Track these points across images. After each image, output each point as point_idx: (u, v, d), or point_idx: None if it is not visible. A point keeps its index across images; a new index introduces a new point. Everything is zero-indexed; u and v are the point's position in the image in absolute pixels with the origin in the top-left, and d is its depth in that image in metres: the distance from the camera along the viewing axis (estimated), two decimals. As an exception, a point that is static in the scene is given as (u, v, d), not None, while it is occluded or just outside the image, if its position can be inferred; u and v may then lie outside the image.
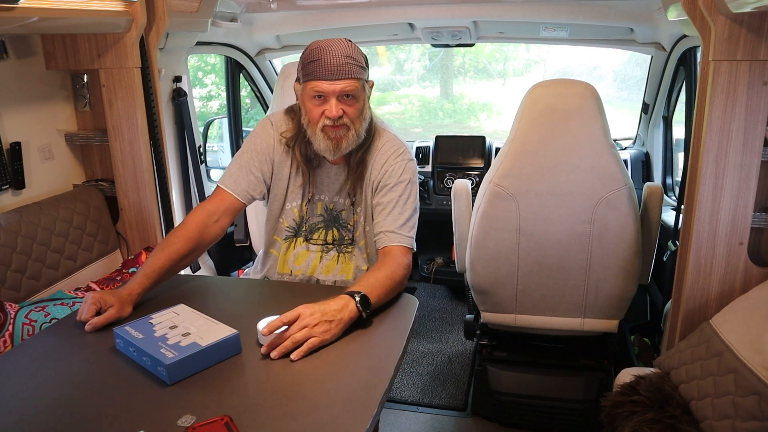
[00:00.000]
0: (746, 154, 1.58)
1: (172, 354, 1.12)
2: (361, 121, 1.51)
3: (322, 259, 1.67)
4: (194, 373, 1.13)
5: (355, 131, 1.50)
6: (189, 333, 1.20)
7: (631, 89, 6.09)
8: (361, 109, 1.50)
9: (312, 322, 1.20)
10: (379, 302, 1.35)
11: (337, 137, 1.49)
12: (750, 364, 1.32)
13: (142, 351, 1.15)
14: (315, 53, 1.44)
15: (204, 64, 5.44)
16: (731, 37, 1.50)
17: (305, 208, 1.65)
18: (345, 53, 1.43)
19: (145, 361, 1.14)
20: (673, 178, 2.83)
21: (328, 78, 1.43)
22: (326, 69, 1.42)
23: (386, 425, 2.26)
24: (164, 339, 1.17)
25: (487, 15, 2.76)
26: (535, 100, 1.87)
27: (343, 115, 1.47)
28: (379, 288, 1.35)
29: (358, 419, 0.99)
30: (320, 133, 1.49)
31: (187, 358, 1.12)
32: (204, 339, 1.17)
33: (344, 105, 1.46)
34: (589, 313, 1.97)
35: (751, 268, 1.66)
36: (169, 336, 1.19)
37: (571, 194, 1.85)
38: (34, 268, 1.76)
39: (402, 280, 1.45)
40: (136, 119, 2.01)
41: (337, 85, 1.43)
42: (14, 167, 1.86)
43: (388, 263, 1.46)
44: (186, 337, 1.18)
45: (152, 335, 1.19)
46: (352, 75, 1.44)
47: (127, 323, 1.25)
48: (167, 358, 1.10)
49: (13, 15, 1.41)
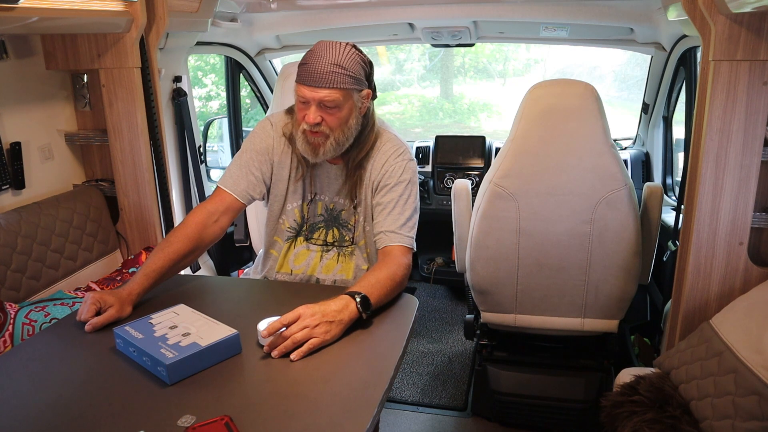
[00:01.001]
0: (746, 154, 1.58)
1: (172, 354, 1.12)
2: (342, 129, 1.49)
3: (323, 259, 1.67)
4: (194, 373, 1.13)
5: (334, 139, 1.49)
6: (189, 333, 1.20)
7: (631, 89, 6.09)
8: (344, 118, 1.48)
9: (312, 322, 1.20)
10: (380, 303, 1.35)
11: (315, 143, 1.49)
12: (750, 364, 1.32)
13: (142, 351, 1.15)
14: (308, 56, 1.44)
15: (204, 64, 5.45)
16: (731, 37, 1.50)
17: (306, 208, 1.65)
18: (334, 61, 1.42)
19: (145, 361, 1.14)
20: (673, 178, 2.84)
21: (309, 84, 1.43)
22: (310, 75, 1.42)
23: (386, 425, 2.26)
24: (164, 339, 1.17)
25: (487, 15, 2.76)
26: (535, 100, 1.87)
27: (322, 123, 1.46)
28: (379, 288, 1.35)
29: (358, 419, 0.99)
30: (301, 135, 1.50)
31: (187, 358, 1.12)
32: (204, 339, 1.17)
33: (324, 113, 1.45)
34: (589, 313, 1.97)
35: (751, 268, 1.66)
36: (169, 336, 1.19)
37: (571, 194, 1.85)
38: (34, 268, 1.76)
39: (402, 280, 1.45)
40: (136, 119, 2.01)
41: (317, 93, 1.42)
42: (14, 167, 1.86)
43: (389, 263, 1.46)
44: (186, 337, 1.18)
45: (152, 335, 1.19)
46: (335, 85, 1.42)
47: (127, 323, 1.25)
48: (167, 358, 1.10)
49: (13, 15, 1.41)
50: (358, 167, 1.59)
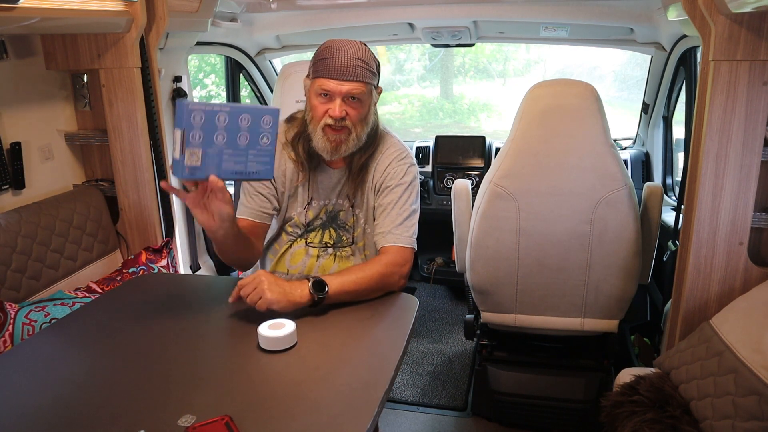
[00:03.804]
0: (746, 154, 1.58)
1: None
2: (363, 125, 1.50)
3: (319, 259, 1.67)
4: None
5: (356, 135, 1.49)
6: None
7: (631, 89, 6.09)
8: (365, 113, 1.49)
9: (261, 286, 1.28)
10: (349, 295, 1.38)
11: (337, 140, 1.49)
12: (750, 364, 1.32)
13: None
14: (328, 51, 1.44)
15: (204, 64, 5.44)
16: (731, 37, 1.50)
17: (306, 212, 1.65)
18: (357, 56, 1.43)
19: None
20: (673, 178, 2.84)
21: (336, 77, 1.42)
22: (336, 68, 1.42)
23: (386, 425, 2.26)
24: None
25: (487, 15, 2.76)
26: (535, 100, 1.87)
27: (346, 117, 1.46)
28: (350, 283, 1.38)
29: (358, 419, 0.99)
30: (320, 132, 1.49)
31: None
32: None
33: (348, 107, 1.46)
34: (589, 313, 1.97)
35: (751, 268, 1.66)
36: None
37: (571, 194, 1.85)
38: (34, 268, 1.76)
39: (385, 278, 1.45)
40: (136, 119, 2.01)
41: (344, 86, 1.43)
42: (14, 167, 1.86)
43: (374, 261, 1.48)
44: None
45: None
46: (361, 78, 1.43)
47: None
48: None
49: (13, 15, 1.41)
50: (362, 168, 1.59)
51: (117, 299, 1.51)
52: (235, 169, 1.23)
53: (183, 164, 1.18)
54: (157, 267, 2.03)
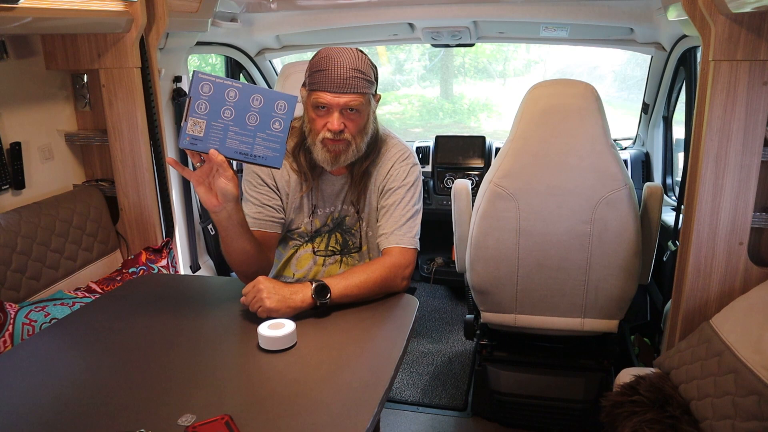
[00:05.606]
0: (746, 154, 1.58)
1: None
2: (362, 136, 1.48)
3: (325, 263, 1.67)
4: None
5: (355, 146, 1.47)
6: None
7: (631, 89, 6.08)
8: (363, 124, 1.47)
9: (260, 295, 1.29)
10: (351, 297, 1.38)
11: (336, 150, 1.47)
12: (750, 364, 1.32)
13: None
14: (323, 62, 1.41)
15: (204, 64, 5.44)
16: (731, 37, 1.50)
17: (313, 222, 1.63)
18: (353, 66, 1.40)
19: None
20: (673, 178, 2.84)
21: (332, 90, 1.40)
22: (332, 81, 1.39)
23: (386, 425, 2.26)
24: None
25: (487, 15, 2.76)
26: (535, 100, 1.87)
27: (345, 130, 1.44)
28: (352, 286, 1.38)
29: (358, 419, 0.99)
30: (319, 144, 1.47)
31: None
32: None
33: (346, 119, 1.44)
34: (589, 313, 1.97)
35: (751, 268, 1.66)
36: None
37: (571, 194, 1.85)
38: (34, 268, 1.76)
39: (386, 280, 1.44)
40: (136, 119, 2.01)
41: (341, 98, 1.40)
42: (14, 167, 1.86)
43: (375, 262, 1.47)
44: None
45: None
46: (358, 89, 1.41)
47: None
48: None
49: (13, 15, 1.42)
50: (364, 174, 1.58)
51: (117, 299, 1.51)
52: (240, 149, 1.20)
53: (185, 132, 1.16)
54: (157, 267, 2.03)
